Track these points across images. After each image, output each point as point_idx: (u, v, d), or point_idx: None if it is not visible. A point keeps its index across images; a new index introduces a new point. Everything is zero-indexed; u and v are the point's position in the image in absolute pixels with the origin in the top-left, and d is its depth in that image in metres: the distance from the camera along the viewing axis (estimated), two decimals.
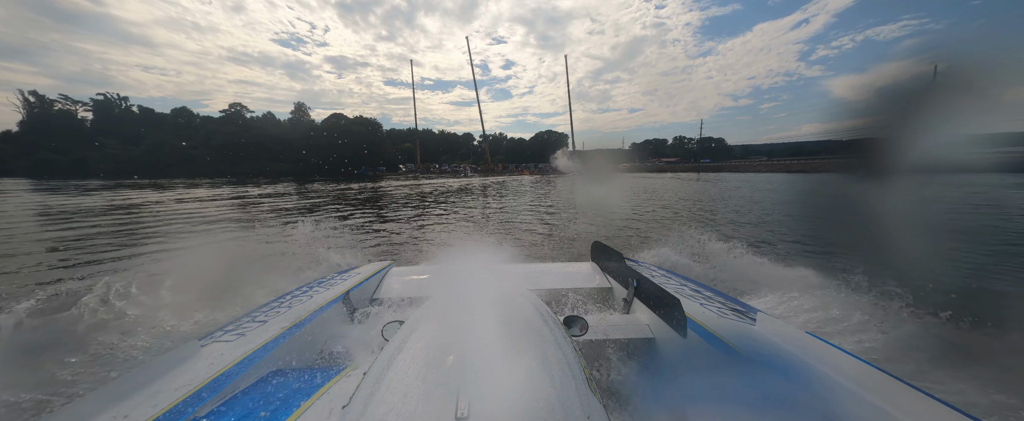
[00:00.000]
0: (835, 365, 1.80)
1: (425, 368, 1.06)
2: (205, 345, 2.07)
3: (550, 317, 1.58)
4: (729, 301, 2.97)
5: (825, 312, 3.62)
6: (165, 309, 3.96)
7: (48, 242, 8.48)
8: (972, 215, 9.72)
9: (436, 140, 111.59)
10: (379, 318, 3.39)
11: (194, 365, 1.84)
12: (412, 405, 0.92)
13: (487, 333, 1.16)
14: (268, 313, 2.65)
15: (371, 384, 1.07)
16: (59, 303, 4.30)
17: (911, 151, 1.83)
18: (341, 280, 3.56)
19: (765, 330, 2.24)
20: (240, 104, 76.01)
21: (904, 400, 1.52)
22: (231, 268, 4.95)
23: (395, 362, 1.13)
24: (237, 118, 73.99)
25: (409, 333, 1.31)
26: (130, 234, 9.57)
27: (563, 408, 0.96)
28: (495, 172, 76.74)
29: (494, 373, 1.00)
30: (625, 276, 3.26)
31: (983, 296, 4.59)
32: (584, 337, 2.23)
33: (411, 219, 12.88)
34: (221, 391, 1.65)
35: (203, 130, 69.66)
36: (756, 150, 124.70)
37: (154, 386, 1.66)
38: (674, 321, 2.29)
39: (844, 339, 3.17)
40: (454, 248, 7.13)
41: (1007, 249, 6.96)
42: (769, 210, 14.00)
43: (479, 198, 21.59)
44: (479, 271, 1.92)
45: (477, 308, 1.34)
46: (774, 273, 5.11)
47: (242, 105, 75.83)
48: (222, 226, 11.07)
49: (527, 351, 1.17)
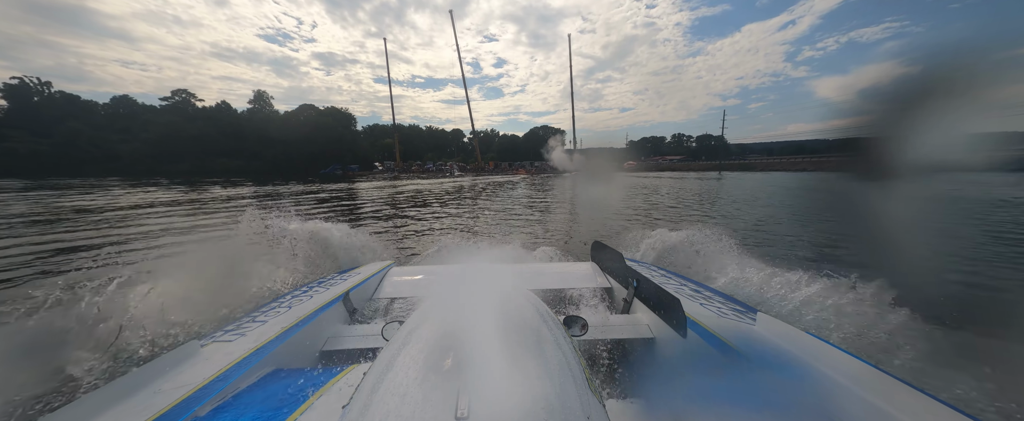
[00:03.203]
0: (835, 365, 1.80)
1: (425, 368, 1.06)
2: (205, 345, 2.07)
3: (550, 317, 1.58)
4: (729, 301, 2.97)
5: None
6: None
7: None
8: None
9: (423, 136, 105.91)
10: (379, 318, 3.40)
11: (194, 365, 1.84)
12: (412, 405, 0.92)
13: (487, 333, 1.16)
14: (268, 313, 2.65)
15: (371, 384, 1.07)
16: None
17: (899, 150, 1.85)
18: (341, 280, 3.57)
19: (765, 330, 2.24)
20: (186, 90, 63.84)
21: (904, 400, 1.53)
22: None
23: (395, 362, 1.13)
24: (185, 107, 61.97)
25: (409, 333, 1.31)
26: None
27: (563, 408, 0.96)
28: (485, 171, 68.25)
29: (494, 373, 0.99)
30: (625, 276, 3.27)
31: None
32: (584, 337, 2.24)
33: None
34: (221, 391, 1.65)
35: (141, 121, 58.06)
36: (752, 149, 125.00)
37: (154, 386, 1.66)
38: (674, 321, 2.29)
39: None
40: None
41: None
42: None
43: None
44: (479, 271, 1.92)
45: (477, 308, 1.34)
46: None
47: (189, 92, 63.92)
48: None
49: (527, 351, 1.17)
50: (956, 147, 1.76)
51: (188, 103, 63.07)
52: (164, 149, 53.47)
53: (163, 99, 62.51)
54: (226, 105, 65.95)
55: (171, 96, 62.55)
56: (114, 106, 62.79)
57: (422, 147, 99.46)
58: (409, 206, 16.23)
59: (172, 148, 53.93)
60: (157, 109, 61.54)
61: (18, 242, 8.15)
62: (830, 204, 2.84)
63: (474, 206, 16.28)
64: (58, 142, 49.56)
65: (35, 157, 47.24)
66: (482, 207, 15.90)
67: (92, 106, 60.81)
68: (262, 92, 71.54)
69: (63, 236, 8.91)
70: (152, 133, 54.83)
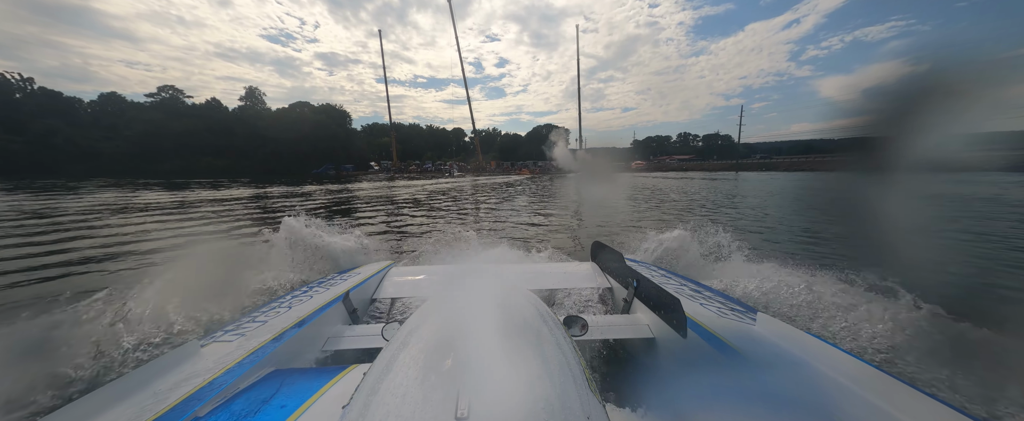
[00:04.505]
0: (835, 365, 1.80)
1: (425, 368, 1.06)
2: (205, 345, 2.07)
3: (550, 317, 1.58)
4: (729, 301, 2.97)
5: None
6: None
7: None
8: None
9: (423, 135, 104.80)
10: (379, 318, 3.41)
11: (194, 365, 1.85)
12: (412, 405, 0.92)
13: (487, 333, 1.16)
14: (268, 313, 2.65)
15: (371, 384, 1.07)
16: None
17: (904, 150, 1.83)
18: (341, 280, 3.57)
19: (765, 330, 2.24)
20: (173, 87, 61.47)
21: (904, 400, 1.53)
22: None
23: (395, 362, 1.13)
24: (173, 104, 59.64)
25: (409, 333, 1.31)
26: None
27: (563, 408, 0.96)
28: (486, 171, 65.76)
29: (494, 373, 0.99)
30: (625, 276, 3.26)
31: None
32: (584, 337, 2.23)
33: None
34: (221, 391, 1.65)
35: (126, 118, 55.49)
36: (757, 148, 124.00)
37: (154, 386, 1.66)
38: (674, 321, 2.29)
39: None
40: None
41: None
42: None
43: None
44: (479, 271, 1.92)
45: (477, 308, 1.34)
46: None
47: (176, 89, 61.55)
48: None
49: (527, 351, 1.17)
50: (959, 147, 1.74)
51: (176, 100, 60.83)
52: (147, 148, 51.45)
53: (149, 95, 60.63)
54: (216, 102, 63.70)
55: (157, 92, 60.59)
56: (102, 104, 59.69)
57: (422, 146, 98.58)
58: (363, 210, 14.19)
59: (155, 147, 51.78)
60: (143, 106, 58.80)
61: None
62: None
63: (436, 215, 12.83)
64: (32, 139, 46.53)
65: (3, 156, 43.63)
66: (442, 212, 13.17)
67: (75, 102, 57.36)
68: (254, 89, 69.64)
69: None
70: (133, 131, 52.51)
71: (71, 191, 21.68)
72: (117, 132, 53.18)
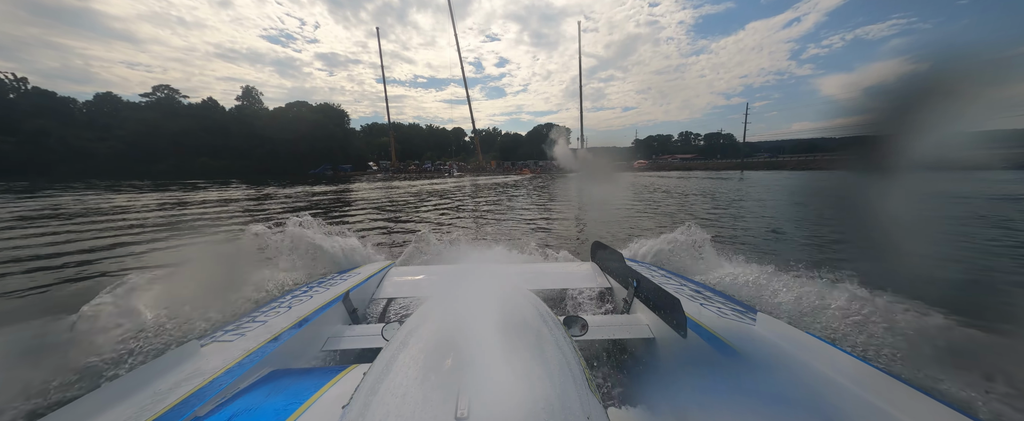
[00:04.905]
0: (835, 365, 1.80)
1: (425, 368, 1.06)
2: (205, 345, 2.07)
3: (550, 317, 1.58)
4: (729, 301, 2.97)
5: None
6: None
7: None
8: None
9: (423, 135, 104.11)
10: (379, 318, 3.41)
11: (194, 365, 1.85)
12: (412, 405, 0.92)
13: (487, 333, 1.16)
14: (268, 313, 2.65)
15: (371, 384, 1.07)
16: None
17: (905, 148, 1.83)
18: (341, 280, 3.57)
19: (765, 330, 2.24)
20: (169, 86, 60.83)
21: (904, 400, 1.53)
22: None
23: (395, 362, 1.13)
24: (169, 104, 58.99)
25: (409, 333, 1.31)
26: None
27: (563, 408, 0.96)
28: (487, 170, 65.09)
29: (494, 373, 1.00)
30: (625, 276, 3.26)
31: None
32: (584, 337, 2.23)
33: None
34: (221, 391, 1.66)
35: (120, 118, 54.96)
36: (759, 147, 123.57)
37: (154, 386, 1.66)
38: (674, 321, 2.29)
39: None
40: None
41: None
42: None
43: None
44: (479, 271, 1.92)
45: (477, 308, 1.34)
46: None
47: (172, 88, 60.77)
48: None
49: (527, 351, 1.17)
50: (962, 145, 1.74)
51: (172, 99, 60.10)
52: (142, 148, 50.87)
53: (144, 95, 59.68)
54: (212, 101, 62.87)
55: (152, 92, 59.90)
56: (97, 104, 58.47)
57: (422, 146, 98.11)
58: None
59: (150, 147, 51.20)
60: (138, 106, 58.09)
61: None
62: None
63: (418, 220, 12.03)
64: (24, 140, 46.11)
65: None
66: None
67: (69, 102, 56.43)
68: (250, 88, 68.53)
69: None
70: (127, 131, 51.98)
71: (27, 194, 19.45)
72: (111, 132, 52.77)
